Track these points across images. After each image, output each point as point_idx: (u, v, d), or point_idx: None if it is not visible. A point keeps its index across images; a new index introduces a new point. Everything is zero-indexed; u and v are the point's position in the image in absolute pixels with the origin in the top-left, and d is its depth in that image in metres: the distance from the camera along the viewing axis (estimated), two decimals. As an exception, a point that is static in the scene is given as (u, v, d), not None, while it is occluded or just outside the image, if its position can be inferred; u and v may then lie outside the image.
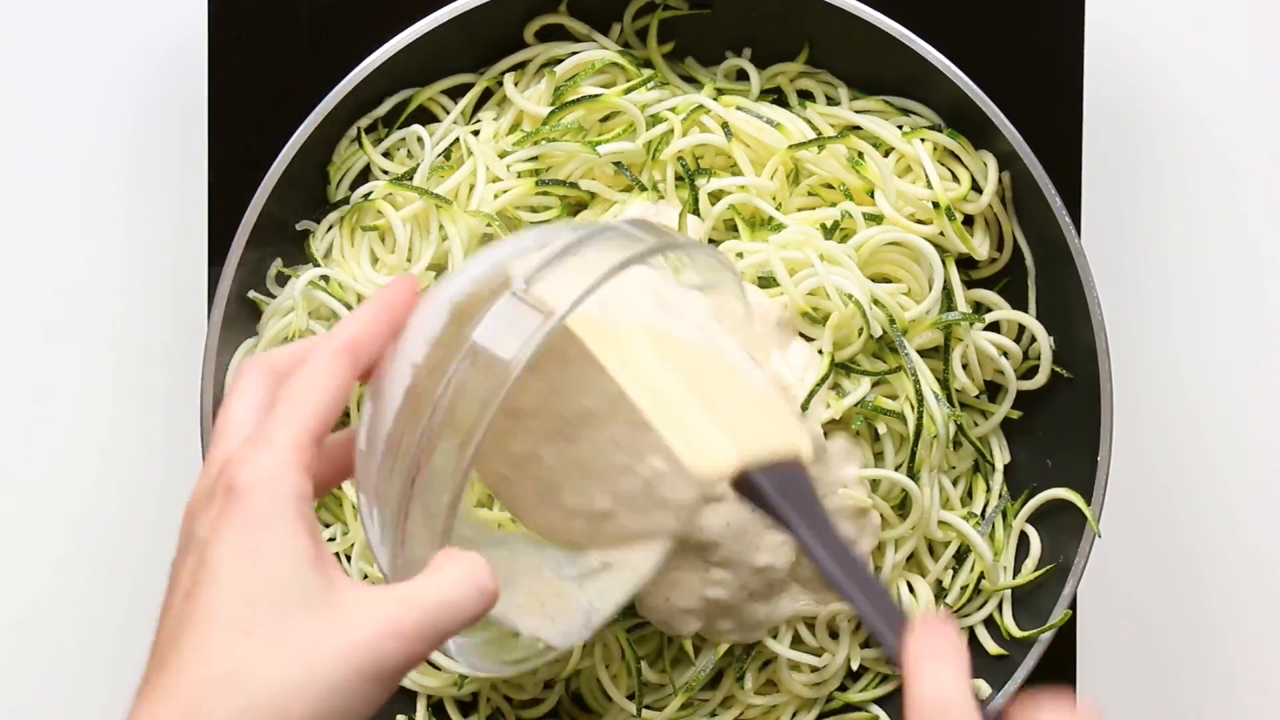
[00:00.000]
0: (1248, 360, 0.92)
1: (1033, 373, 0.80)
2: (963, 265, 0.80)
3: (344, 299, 0.78)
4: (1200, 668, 0.92)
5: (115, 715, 0.52)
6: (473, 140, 0.80)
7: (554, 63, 0.80)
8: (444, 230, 0.78)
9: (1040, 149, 0.77)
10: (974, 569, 0.79)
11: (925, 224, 0.78)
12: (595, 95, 0.78)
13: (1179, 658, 0.92)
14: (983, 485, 0.81)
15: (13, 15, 0.91)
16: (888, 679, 0.81)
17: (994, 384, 0.81)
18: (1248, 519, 0.92)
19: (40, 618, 0.90)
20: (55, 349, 0.91)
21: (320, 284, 0.78)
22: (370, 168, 0.80)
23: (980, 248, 0.80)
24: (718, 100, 0.79)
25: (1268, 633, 0.92)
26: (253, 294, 0.79)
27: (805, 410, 0.75)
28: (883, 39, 0.77)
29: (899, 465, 0.78)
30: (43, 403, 0.91)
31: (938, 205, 0.78)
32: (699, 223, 0.78)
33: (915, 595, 0.79)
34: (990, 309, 0.81)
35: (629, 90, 0.79)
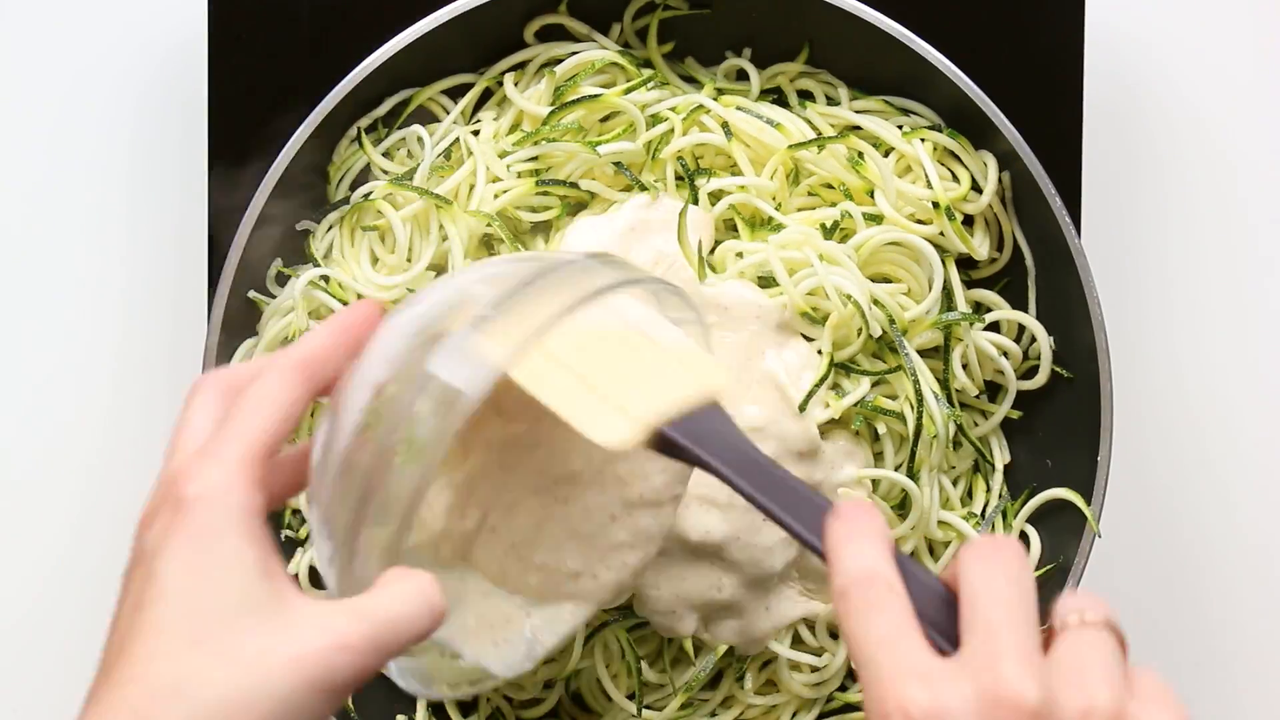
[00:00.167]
0: (1248, 360, 0.92)
1: (1033, 373, 0.80)
2: (963, 265, 0.80)
3: (344, 299, 0.78)
4: (1200, 668, 0.92)
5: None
6: (473, 140, 0.80)
7: (554, 63, 0.80)
8: (444, 230, 0.78)
9: (1040, 149, 0.77)
10: (974, 569, 0.79)
11: (925, 224, 0.78)
12: (595, 95, 0.78)
13: (1179, 658, 0.92)
14: (983, 485, 0.81)
15: (13, 15, 0.91)
16: (888, 679, 0.81)
17: (994, 384, 0.81)
18: (1248, 519, 0.92)
19: (40, 618, 0.90)
20: (55, 348, 0.91)
21: (320, 284, 0.78)
22: (370, 168, 0.80)
23: (980, 248, 0.80)
24: (718, 100, 0.79)
25: (1267, 632, 0.92)
26: (253, 294, 0.79)
27: (803, 410, 0.75)
28: (883, 39, 0.77)
29: (899, 465, 0.78)
30: (43, 402, 0.91)
31: (938, 205, 0.78)
32: (701, 213, 0.78)
33: (915, 595, 0.79)
34: (990, 309, 0.81)
35: (629, 90, 0.79)
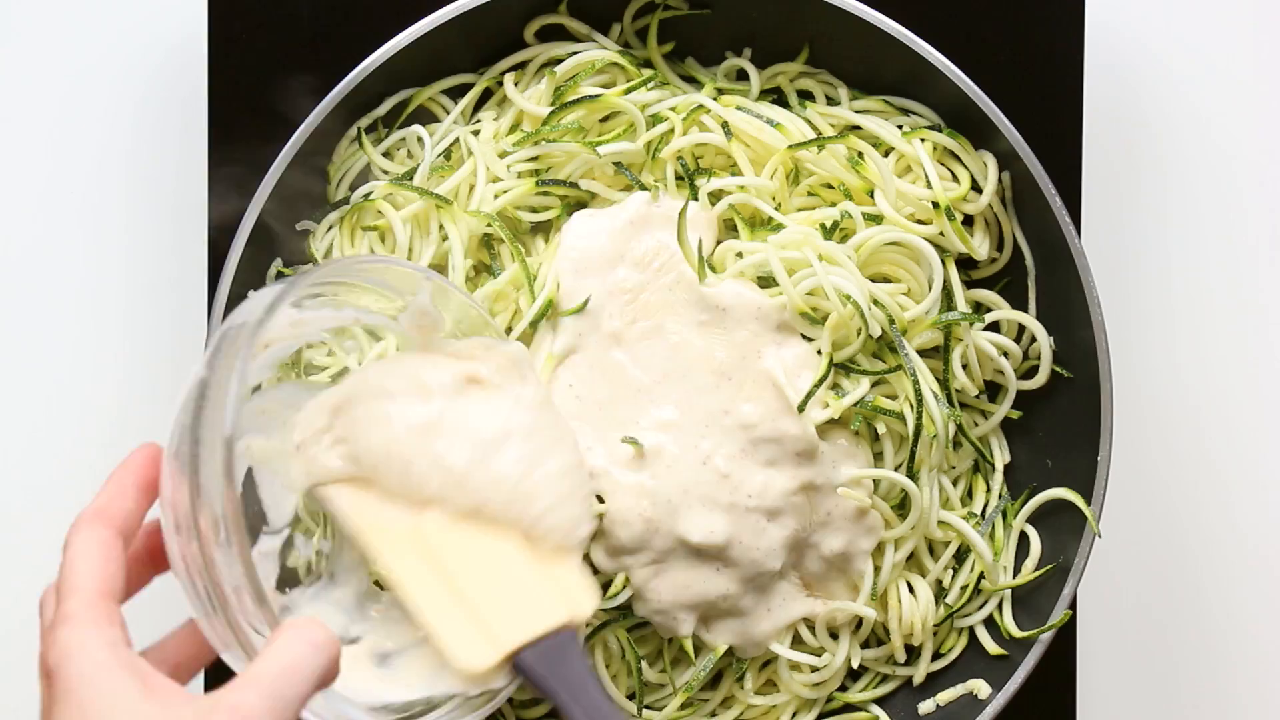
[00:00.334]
0: (1248, 360, 0.92)
1: (1033, 373, 0.80)
2: (963, 265, 0.80)
3: (344, 299, 0.78)
4: (1200, 668, 0.92)
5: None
6: (473, 140, 0.80)
7: (554, 63, 0.80)
8: (444, 230, 0.78)
9: (1040, 149, 0.77)
10: (974, 569, 0.79)
11: (925, 224, 0.78)
12: (595, 95, 0.78)
13: (1179, 657, 0.92)
14: (983, 485, 0.81)
15: (13, 15, 0.91)
16: (887, 679, 0.81)
17: (994, 384, 0.81)
18: (1248, 519, 0.92)
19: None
20: (55, 348, 0.91)
21: (320, 284, 0.78)
22: (370, 168, 0.80)
23: (980, 248, 0.80)
24: (718, 100, 0.79)
25: (1267, 632, 0.92)
26: (252, 294, 0.79)
27: (802, 411, 0.75)
28: (882, 39, 0.77)
29: (899, 465, 0.78)
30: (43, 401, 0.91)
31: (938, 205, 0.78)
32: (703, 212, 0.78)
33: (915, 595, 0.79)
34: (990, 309, 0.81)
35: (629, 90, 0.79)
